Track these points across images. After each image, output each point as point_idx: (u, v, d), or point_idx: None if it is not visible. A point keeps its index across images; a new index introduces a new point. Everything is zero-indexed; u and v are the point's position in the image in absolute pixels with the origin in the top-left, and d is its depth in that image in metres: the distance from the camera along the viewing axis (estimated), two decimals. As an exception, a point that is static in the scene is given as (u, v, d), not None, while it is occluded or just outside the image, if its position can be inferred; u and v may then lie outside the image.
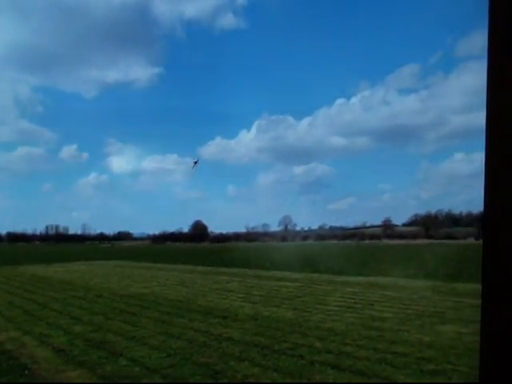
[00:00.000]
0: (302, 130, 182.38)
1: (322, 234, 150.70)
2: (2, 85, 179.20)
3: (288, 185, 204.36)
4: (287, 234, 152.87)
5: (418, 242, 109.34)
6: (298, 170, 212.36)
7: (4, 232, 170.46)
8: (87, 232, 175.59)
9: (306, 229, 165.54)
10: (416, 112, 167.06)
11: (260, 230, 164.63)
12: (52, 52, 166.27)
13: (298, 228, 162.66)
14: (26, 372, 7.65)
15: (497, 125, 1.10)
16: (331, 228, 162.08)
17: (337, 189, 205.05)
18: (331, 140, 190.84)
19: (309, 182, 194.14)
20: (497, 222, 1.11)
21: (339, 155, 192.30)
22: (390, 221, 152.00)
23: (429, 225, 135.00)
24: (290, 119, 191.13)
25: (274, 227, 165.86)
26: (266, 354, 8.66)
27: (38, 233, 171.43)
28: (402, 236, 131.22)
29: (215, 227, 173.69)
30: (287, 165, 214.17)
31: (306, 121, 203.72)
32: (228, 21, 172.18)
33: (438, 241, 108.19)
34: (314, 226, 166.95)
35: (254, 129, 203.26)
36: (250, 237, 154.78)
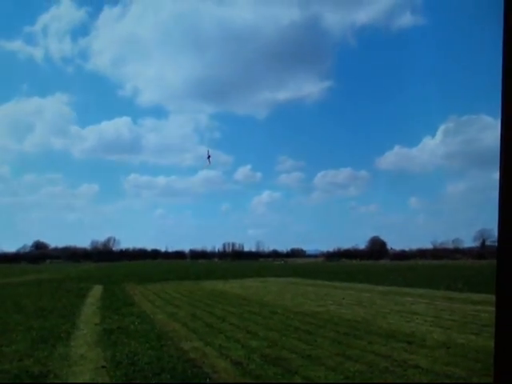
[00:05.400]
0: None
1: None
2: (184, 116, 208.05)
3: (485, 193, 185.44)
4: (485, 251, 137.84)
5: None
6: (498, 175, 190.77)
7: (187, 249, 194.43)
8: (261, 249, 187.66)
9: None
10: None
11: (450, 245, 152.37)
12: (225, 80, 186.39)
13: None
14: (208, 380, 8.47)
15: None
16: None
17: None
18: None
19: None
20: None
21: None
22: None
23: None
24: (486, 118, 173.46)
25: (468, 243, 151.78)
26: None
27: (216, 250, 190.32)
28: None
29: (395, 243, 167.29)
30: (483, 170, 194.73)
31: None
32: (405, 20, 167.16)
33: None
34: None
35: (439, 133, 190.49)
36: (437, 254, 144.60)
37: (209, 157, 32.06)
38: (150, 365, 9.61)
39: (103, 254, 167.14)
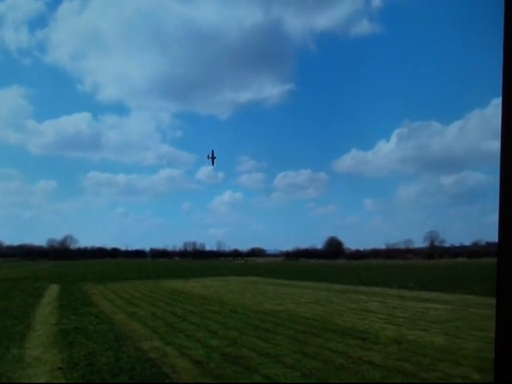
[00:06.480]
0: (450, 135, 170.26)
1: (477, 251, 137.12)
2: (146, 113, 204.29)
3: (435, 196, 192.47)
4: (434, 251, 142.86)
5: None
6: (447, 179, 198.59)
7: (148, 248, 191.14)
8: (222, 248, 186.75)
9: (458, 245, 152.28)
10: None
11: (402, 246, 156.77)
12: (189, 79, 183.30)
13: (447, 244, 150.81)
14: (167, 381, 8.35)
15: None
16: (488, 244, 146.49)
17: (495, 199, 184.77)
18: (487, 145, 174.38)
19: (461, 192, 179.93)
20: None
21: (497, 161, 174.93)
22: None
23: None
24: (436, 125, 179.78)
25: (419, 243, 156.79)
26: (412, 382, 8.12)
27: (177, 249, 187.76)
28: None
29: (351, 243, 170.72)
30: (434, 175, 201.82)
31: (455, 125, 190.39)
32: (363, 27, 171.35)
33: None
34: (467, 242, 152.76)
35: (393, 138, 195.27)
36: (390, 254, 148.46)
37: (213, 157, 31.40)
38: (108, 365, 9.38)
39: (61, 253, 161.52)
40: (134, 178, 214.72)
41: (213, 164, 32.09)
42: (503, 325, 1.08)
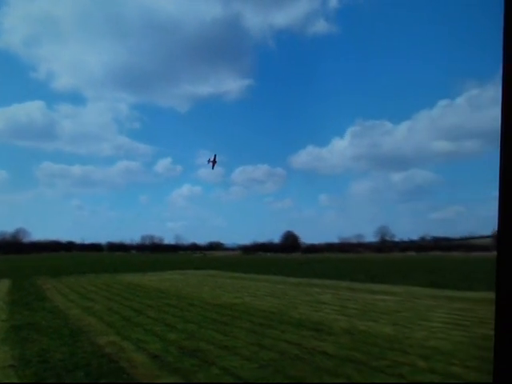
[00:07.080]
0: (400, 135, 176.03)
1: (424, 245, 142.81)
2: (103, 104, 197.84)
3: (386, 193, 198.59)
4: (384, 245, 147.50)
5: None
6: (396, 177, 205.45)
7: (104, 242, 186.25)
8: (180, 242, 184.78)
9: (406, 239, 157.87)
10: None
11: (354, 240, 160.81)
12: (148, 70, 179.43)
13: (396, 239, 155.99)
14: (125, 376, 8.22)
15: None
16: (434, 239, 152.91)
17: (441, 196, 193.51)
18: (434, 145, 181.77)
19: (409, 189, 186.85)
20: None
21: (443, 160, 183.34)
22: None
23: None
24: (387, 124, 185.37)
25: (370, 238, 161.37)
26: (363, 370, 8.38)
27: (134, 243, 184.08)
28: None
29: (307, 238, 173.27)
30: (384, 172, 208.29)
31: (404, 125, 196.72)
32: (319, 27, 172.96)
33: None
34: (415, 237, 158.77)
35: (347, 136, 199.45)
36: (343, 248, 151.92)
37: (215, 162, 30.78)
38: (63, 362, 9.12)
39: (12, 246, 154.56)
40: (89, 169, 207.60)
41: (213, 168, 31.79)
42: (503, 323, 1.11)
